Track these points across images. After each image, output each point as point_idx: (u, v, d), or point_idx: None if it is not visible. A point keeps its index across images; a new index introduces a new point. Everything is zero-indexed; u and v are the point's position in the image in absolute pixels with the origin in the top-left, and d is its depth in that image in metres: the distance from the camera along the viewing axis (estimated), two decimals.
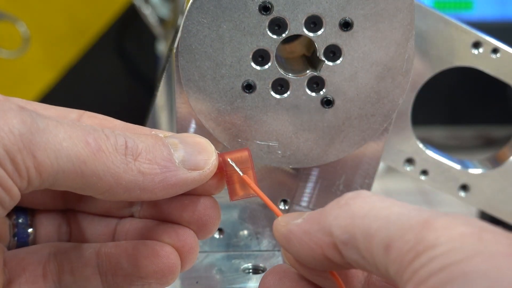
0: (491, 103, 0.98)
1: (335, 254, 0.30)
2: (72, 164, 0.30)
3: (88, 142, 0.31)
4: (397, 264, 0.27)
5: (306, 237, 0.31)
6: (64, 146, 0.30)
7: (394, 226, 0.28)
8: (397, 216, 0.28)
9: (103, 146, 0.31)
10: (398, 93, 0.42)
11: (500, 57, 0.46)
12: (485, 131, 1.00)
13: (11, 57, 0.90)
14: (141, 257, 0.35)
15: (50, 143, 0.30)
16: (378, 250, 0.28)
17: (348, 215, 0.30)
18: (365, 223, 0.29)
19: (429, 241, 0.26)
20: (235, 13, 0.39)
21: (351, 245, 0.29)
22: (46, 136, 0.30)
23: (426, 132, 0.94)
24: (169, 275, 0.35)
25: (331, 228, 0.30)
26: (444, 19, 0.45)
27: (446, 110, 1.00)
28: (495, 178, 0.49)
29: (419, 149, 0.48)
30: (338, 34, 0.40)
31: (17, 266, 0.35)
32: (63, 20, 0.97)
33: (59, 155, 0.30)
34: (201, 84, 0.41)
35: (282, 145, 0.42)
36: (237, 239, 0.46)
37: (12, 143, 0.29)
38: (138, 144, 0.33)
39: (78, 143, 0.30)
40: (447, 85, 0.95)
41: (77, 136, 0.31)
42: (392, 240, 0.27)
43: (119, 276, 0.35)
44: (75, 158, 0.30)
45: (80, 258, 0.36)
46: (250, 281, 0.44)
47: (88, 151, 0.31)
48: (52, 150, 0.30)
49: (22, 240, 0.36)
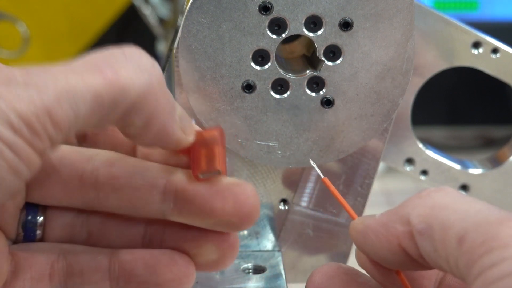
0: (491, 103, 0.98)
1: (411, 244, 0.30)
2: (89, 105, 0.29)
3: (105, 76, 0.29)
4: (467, 257, 0.27)
5: (383, 229, 0.31)
6: (79, 91, 0.29)
7: (471, 219, 0.28)
8: (476, 212, 0.28)
9: (122, 72, 0.30)
10: (398, 93, 0.42)
11: (500, 57, 0.46)
12: (485, 131, 1.01)
13: (11, 57, 0.90)
14: (159, 265, 0.35)
15: (63, 95, 0.28)
16: (452, 242, 0.28)
17: (427, 205, 0.30)
18: (444, 215, 0.29)
19: (503, 239, 0.26)
20: (235, 13, 0.39)
21: (427, 235, 0.29)
22: (57, 89, 0.28)
23: (426, 132, 0.94)
24: (186, 283, 0.35)
25: (409, 217, 0.30)
26: (444, 19, 0.45)
27: (446, 110, 1.00)
28: (495, 178, 0.49)
29: (419, 149, 0.48)
30: (338, 34, 0.40)
31: (24, 261, 0.35)
32: (63, 20, 0.97)
33: (75, 103, 0.28)
34: (201, 84, 0.41)
35: (282, 145, 0.42)
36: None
37: (26, 108, 0.28)
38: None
39: (94, 81, 0.29)
40: (447, 85, 0.95)
41: (92, 75, 0.29)
42: (466, 232, 0.27)
43: (133, 283, 0.35)
44: (91, 98, 0.29)
45: (91, 261, 0.35)
46: (250, 281, 0.44)
47: (105, 83, 0.29)
48: (66, 101, 0.28)
49: (30, 232, 0.36)
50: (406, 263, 0.31)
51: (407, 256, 0.31)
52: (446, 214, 0.29)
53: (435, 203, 0.30)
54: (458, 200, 0.30)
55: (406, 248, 0.31)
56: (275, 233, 0.47)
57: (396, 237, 0.31)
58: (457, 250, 0.28)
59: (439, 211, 0.29)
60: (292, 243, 0.47)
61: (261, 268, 0.45)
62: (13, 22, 0.89)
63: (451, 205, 0.29)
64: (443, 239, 0.28)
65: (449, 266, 0.28)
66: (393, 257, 0.31)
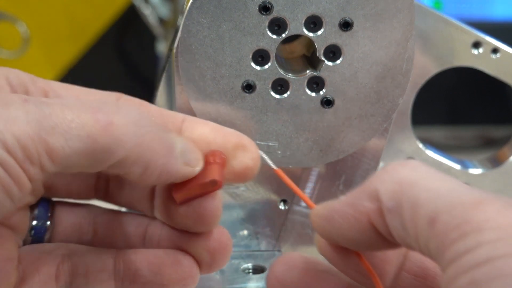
0: (491, 103, 0.98)
1: (381, 221, 0.29)
2: (84, 144, 0.30)
3: (98, 120, 0.30)
4: (439, 240, 0.26)
5: (351, 209, 0.30)
6: (74, 126, 0.30)
7: (444, 199, 0.27)
8: (448, 190, 0.27)
9: (114, 120, 0.31)
10: (398, 93, 0.42)
11: (500, 57, 0.46)
12: (485, 131, 1.00)
13: (11, 57, 0.90)
14: (164, 265, 0.35)
15: (59, 126, 0.29)
16: (422, 222, 0.27)
17: (395, 181, 0.29)
18: (414, 192, 0.28)
19: (478, 223, 0.25)
20: (235, 13, 0.39)
21: (396, 213, 0.28)
22: (53, 120, 0.29)
23: (426, 132, 0.94)
24: (190, 283, 0.36)
25: (378, 193, 0.29)
26: (444, 19, 0.45)
27: (446, 110, 1.00)
28: (495, 178, 0.49)
29: (419, 149, 0.48)
30: (338, 34, 0.40)
31: (31, 265, 0.35)
32: (63, 20, 0.97)
33: (69, 137, 0.29)
34: (201, 84, 0.41)
35: (282, 145, 0.42)
36: (237, 239, 0.46)
37: (22, 131, 0.28)
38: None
39: (88, 122, 0.30)
40: (447, 85, 0.95)
41: (86, 115, 0.30)
42: (438, 213, 0.26)
43: (138, 283, 0.36)
44: (86, 137, 0.30)
45: (96, 262, 0.36)
46: (250, 281, 0.44)
47: (98, 128, 0.30)
48: (61, 133, 0.29)
49: (39, 235, 0.36)
50: (376, 242, 0.30)
51: (377, 234, 0.30)
52: (416, 191, 0.28)
53: (404, 179, 0.28)
54: (428, 176, 0.28)
55: (376, 226, 0.29)
56: (275, 233, 0.47)
57: (365, 215, 0.30)
58: (427, 231, 0.26)
59: (408, 188, 0.28)
60: (292, 243, 0.47)
61: (261, 268, 0.45)
62: (13, 22, 0.90)
63: (421, 181, 0.28)
64: (413, 219, 0.27)
65: (419, 246, 0.27)
66: (362, 237, 0.30)
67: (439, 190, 0.27)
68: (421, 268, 0.33)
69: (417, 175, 0.29)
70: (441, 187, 0.27)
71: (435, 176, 0.28)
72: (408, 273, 0.33)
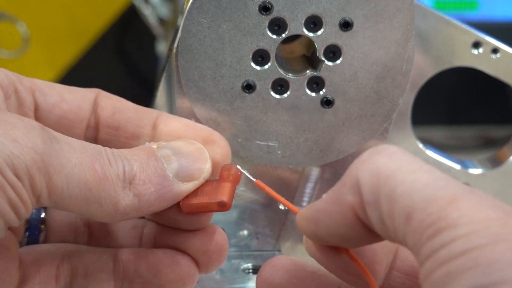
0: (491, 103, 0.98)
1: (365, 214, 0.29)
2: (79, 190, 0.31)
3: (95, 169, 0.31)
4: (416, 236, 0.26)
5: (335, 206, 0.30)
6: (76, 172, 0.30)
7: (418, 195, 0.27)
8: (423, 185, 0.27)
9: (107, 173, 0.32)
10: (398, 93, 0.42)
11: (500, 57, 0.46)
12: (485, 131, 1.00)
13: (11, 57, 0.90)
14: (162, 265, 0.36)
15: (64, 167, 0.30)
16: (399, 218, 0.27)
17: (373, 173, 0.29)
18: (390, 185, 0.28)
19: (452, 220, 0.25)
20: (235, 13, 0.39)
21: (375, 206, 0.28)
22: (60, 160, 0.30)
23: (426, 132, 0.94)
24: (188, 283, 0.36)
25: (359, 185, 0.29)
26: (444, 19, 0.45)
27: (446, 110, 1.00)
28: (495, 178, 0.49)
29: (419, 149, 0.48)
30: (338, 34, 0.40)
31: (31, 266, 0.35)
32: (63, 20, 0.97)
33: (70, 180, 0.30)
34: (201, 84, 0.41)
35: (282, 145, 0.42)
36: (237, 239, 0.46)
37: (34, 161, 0.29)
38: (133, 166, 0.33)
39: (87, 170, 0.31)
40: (447, 85, 0.95)
41: (86, 162, 0.31)
42: (414, 209, 0.27)
43: (137, 283, 0.36)
44: (83, 184, 0.31)
45: (96, 262, 0.36)
46: (250, 281, 0.44)
47: (95, 178, 0.31)
48: (64, 174, 0.30)
49: (33, 237, 0.37)
50: (363, 236, 0.30)
51: (364, 227, 0.30)
52: (393, 185, 0.28)
53: (380, 170, 0.28)
54: (403, 167, 0.28)
55: (361, 218, 0.29)
56: (275, 233, 0.47)
57: (350, 209, 0.30)
58: (404, 227, 0.27)
59: (385, 181, 0.28)
60: (292, 243, 0.47)
61: None
62: (13, 22, 0.90)
63: (397, 173, 0.28)
64: (390, 213, 0.27)
65: (398, 239, 0.28)
66: (350, 231, 0.30)
67: (414, 184, 0.27)
68: (411, 267, 0.34)
69: (393, 165, 0.29)
70: (416, 181, 0.27)
71: (410, 166, 0.28)
72: (399, 272, 0.34)
